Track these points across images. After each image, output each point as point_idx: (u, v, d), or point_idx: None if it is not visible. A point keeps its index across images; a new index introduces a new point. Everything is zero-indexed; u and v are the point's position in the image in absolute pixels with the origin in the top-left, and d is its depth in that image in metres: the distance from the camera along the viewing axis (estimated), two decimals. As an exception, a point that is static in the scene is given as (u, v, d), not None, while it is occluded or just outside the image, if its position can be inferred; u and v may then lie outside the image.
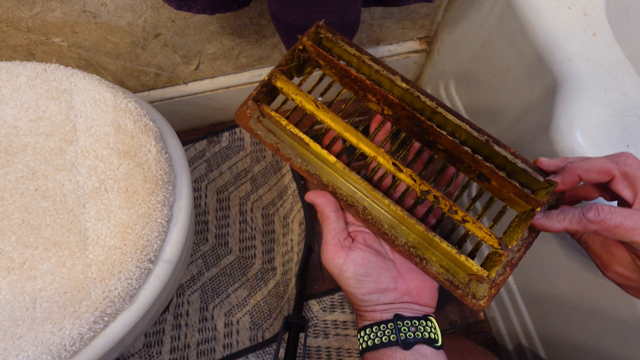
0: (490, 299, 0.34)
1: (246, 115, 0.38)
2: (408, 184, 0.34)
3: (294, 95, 0.37)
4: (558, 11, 0.48)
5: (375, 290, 0.34)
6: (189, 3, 0.46)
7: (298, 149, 0.37)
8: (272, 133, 0.38)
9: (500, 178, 0.34)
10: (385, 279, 0.34)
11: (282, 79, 0.37)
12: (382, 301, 0.34)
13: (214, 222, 0.81)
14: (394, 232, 0.35)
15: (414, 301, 0.35)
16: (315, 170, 0.37)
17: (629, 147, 0.41)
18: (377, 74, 0.37)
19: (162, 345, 0.72)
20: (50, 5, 0.53)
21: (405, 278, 0.35)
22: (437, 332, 0.34)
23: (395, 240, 0.35)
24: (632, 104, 0.43)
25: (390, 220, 0.36)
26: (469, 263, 0.32)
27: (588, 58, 0.45)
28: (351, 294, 0.34)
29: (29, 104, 0.45)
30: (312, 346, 0.73)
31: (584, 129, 0.42)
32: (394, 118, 0.37)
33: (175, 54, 0.67)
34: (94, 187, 0.42)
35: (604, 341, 0.48)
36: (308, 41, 0.37)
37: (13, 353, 0.35)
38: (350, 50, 0.38)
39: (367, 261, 0.34)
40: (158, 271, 0.42)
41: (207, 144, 0.87)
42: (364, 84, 0.36)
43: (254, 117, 0.38)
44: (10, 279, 0.38)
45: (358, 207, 0.36)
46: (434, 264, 0.35)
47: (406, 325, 0.33)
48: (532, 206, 0.34)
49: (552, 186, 0.33)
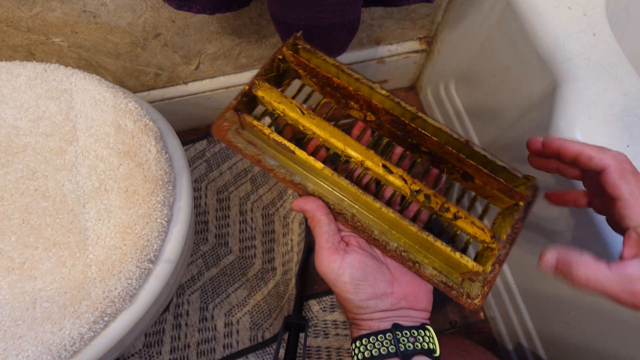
0: (484, 297, 0.34)
1: (223, 128, 0.37)
2: (397, 186, 0.34)
3: (277, 103, 0.36)
4: (558, 11, 0.48)
5: (372, 295, 0.33)
6: (189, 3, 0.46)
7: (281, 159, 0.36)
8: (253, 145, 0.37)
9: (485, 175, 0.34)
10: (381, 283, 0.33)
11: (263, 87, 0.36)
12: (380, 307, 0.33)
13: (214, 222, 0.81)
14: (385, 237, 0.35)
15: (410, 306, 0.34)
16: (300, 180, 0.36)
17: (629, 147, 0.41)
18: (357, 82, 0.38)
19: (162, 345, 0.72)
20: (50, 5, 0.53)
21: (400, 282, 0.34)
22: (435, 342, 0.33)
23: (386, 246, 0.35)
24: (632, 104, 0.43)
25: (380, 226, 0.35)
26: (464, 260, 0.32)
27: (588, 58, 0.45)
28: (347, 301, 0.33)
29: (29, 104, 0.45)
30: (312, 346, 0.73)
31: (584, 129, 0.42)
32: (376, 124, 0.38)
33: (175, 54, 0.67)
34: (94, 187, 0.42)
35: (604, 341, 0.48)
36: (288, 51, 0.37)
37: (13, 353, 0.35)
38: (329, 60, 0.38)
39: (363, 264, 0.33)
40: (158, 271, 0.42)
41: (207, 144, 0.87)
42: (347, 91, 0.36)
43: (232, 129, 0.37)
44: (10, 279, 0.38)
45: (347, 215, 0.35)
46: (427, 267, 0.35)
47: (405, 335, 0.32)
48: (515, 200, 0.35)
49: (530, 181, 0.34)
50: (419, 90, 0.93)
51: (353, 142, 0.35)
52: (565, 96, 0.44)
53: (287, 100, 0.36)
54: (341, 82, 0.36)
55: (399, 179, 0.34)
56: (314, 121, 0.36)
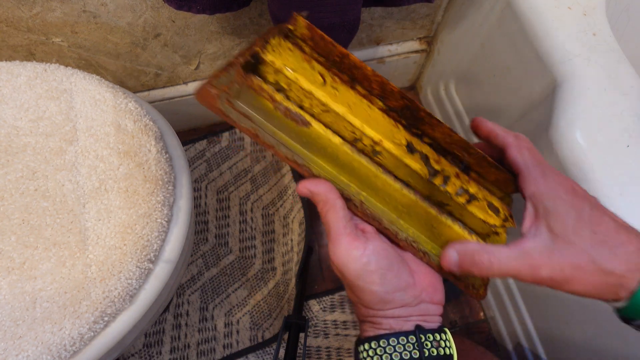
0: (486, 288, 0.33)
1: (211, 95, 0.30)
2: (414, 169, 0.31)
3: (289, 71, 0.30)
4: (558, 11, 0.48)
5: (398, 287, 0.30)
6: (189, 3, 0.46)
7: (281, 137, 0.32)
8: (247, 118, 0.31)
9: (487, 165, 0.33)
10: (404, 274, 0.30)
11: (282, 47, 0.31)
12: (405, 301, 0.30)
13: (214, 222, 0.81)
14: (394, 227, 0.33)
15: (430, 300, 0.32)
16: (302, 161, 0.31)
17: (629, 147, 0.41)
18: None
19: (162, 345, 0.72)
20: (50, 5, 0.53)
21: (418, 273, 0.32)
22: (452, 347, 0.31)
23: (397, 235, 0.32)
24: (632, 104, 0.43)
25: (388, 215, 0.33)
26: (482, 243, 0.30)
27: (588, 58, 0.45)
28: (372, 293, 0.29)
29: (29, 104, 0.45)
30: (312, 346, 0.73)
31: (584, 129, 0.42)
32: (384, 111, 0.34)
33: (175, 54, 0.67)
34: (94, 187, 0.42)
35: (604, 341, 0.48)
36: (304, 21, 0.32)
37: (13, 353, 0.35)
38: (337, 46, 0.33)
39: (387, 252, 0.29)
40: (158, 271, 0.42)
41: (207, 144, 0.87)
42: (363, 73, 0.32)
43: (222, 97, 0.31)
44: (10, 279, 0.38)
45: (355, 201, 0.32)
46: (435, 257, 0.33)
47: (428, 339, 0.29)
48: (510, 191, 0.34)
49: (515, 177, 0.33)
50: (419, 90, 0.93)
51: (379, 116, 0.31)
52: (565, 96, 0.44)
53: (307, 65, 0.31)
54: (358, 61, 0.32)
55: (418, 161, 0.31)
56: (336, 92, 0.31)
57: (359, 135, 0.32)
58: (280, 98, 0.30)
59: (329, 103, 0.31)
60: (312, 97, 0.31)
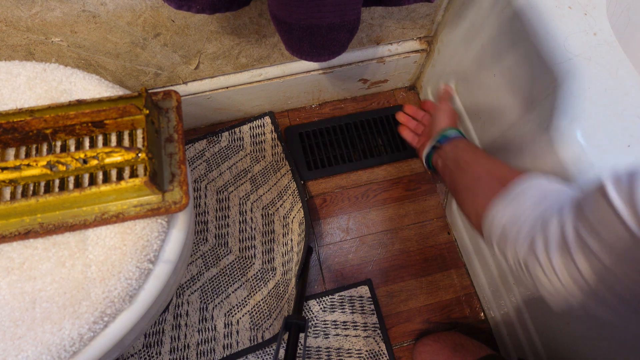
0: (186, 194, 0.41)
1: None
2: (38, 176, 0.37)
3: None
4: (558, 11, 0.48)
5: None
6: (189, 3, 0.46)
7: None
8: None
9: (107, 110, 0.40)
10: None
11: None
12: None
13: (213, 222, 0.81)
14: (69, 219, 0.39)
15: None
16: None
17: (629, 147, 0.41)
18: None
19: (161, 345, 0.72)
20: (49, 4, 0.53)
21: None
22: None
23: (86, 222, 0.39)
24: (632, 104, 0.43)
25: (63, 215, 0.39)
26: (131, 182, 0.37)
27: (588, 58, 0.45)
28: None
29: (28, 104, 0.45)
30: (312, 346, 0.73)
31: (584, 129, 0.42)
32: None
33: (175, 53, 0.67)
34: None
35: (605, 341, 0.48)
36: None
37: (13, 353, 0.35)
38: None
39: None
40: (158, 271, 0.42)
41: (207, 144, 0.87)
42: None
43: None
44: (10, 279, 0.38)
45: (36, 229, 0.38)
46: (130, 210, 0.39)
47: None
48: (139, 113, 0.41)
49: (141, 95, 0.41)
50: (419, 89, 0.93)
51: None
52: (565, 96, 0.44)
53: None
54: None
55: (39, 169, 0.37)
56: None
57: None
58: None
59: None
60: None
